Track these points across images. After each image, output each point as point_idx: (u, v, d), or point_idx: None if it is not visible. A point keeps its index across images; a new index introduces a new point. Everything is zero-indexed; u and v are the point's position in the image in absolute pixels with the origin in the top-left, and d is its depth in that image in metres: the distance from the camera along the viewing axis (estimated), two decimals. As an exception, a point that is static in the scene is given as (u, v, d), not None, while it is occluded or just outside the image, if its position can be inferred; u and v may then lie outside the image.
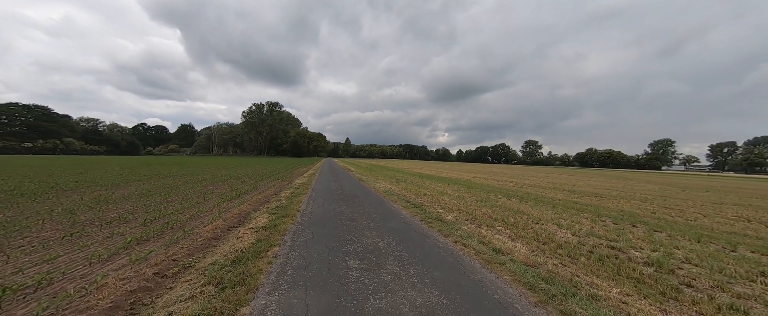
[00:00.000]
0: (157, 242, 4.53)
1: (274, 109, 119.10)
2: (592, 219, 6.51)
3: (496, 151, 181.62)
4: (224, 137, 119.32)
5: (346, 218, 5.42)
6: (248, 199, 8.65)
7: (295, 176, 17.25)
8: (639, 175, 44.77)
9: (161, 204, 7.71)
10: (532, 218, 6.19)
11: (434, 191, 11.33)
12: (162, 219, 5.98)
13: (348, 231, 4.47)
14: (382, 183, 13.66)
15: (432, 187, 12.97)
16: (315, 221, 5.21)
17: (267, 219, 5.53)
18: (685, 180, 31.01)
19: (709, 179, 38.73)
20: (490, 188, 13.94)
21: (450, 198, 9.03)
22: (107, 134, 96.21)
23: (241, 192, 10.09)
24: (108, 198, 8.37)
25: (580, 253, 3.77)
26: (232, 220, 6.11)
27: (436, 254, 3.47)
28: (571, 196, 11.99)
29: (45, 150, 72.60)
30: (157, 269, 3.45)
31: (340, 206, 6.88)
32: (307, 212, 6.08)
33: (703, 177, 44.61)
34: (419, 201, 8.10)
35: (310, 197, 8.51)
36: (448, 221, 5.47)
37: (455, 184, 15.39)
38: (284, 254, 3.44)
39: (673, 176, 44.14)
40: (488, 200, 8.96)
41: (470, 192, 11.46)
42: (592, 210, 8.01)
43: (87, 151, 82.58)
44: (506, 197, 10.17)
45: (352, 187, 11.74)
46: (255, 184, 12.78)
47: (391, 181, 15.24)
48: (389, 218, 5.51)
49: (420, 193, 10.16)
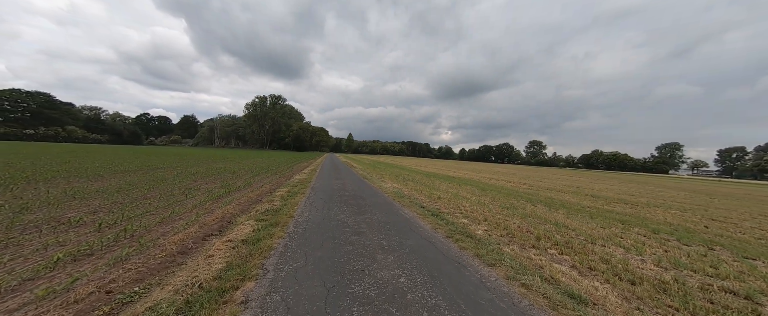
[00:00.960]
0: (100, 259, 3.41)
1: (277, 102, 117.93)
2: (648, 236, 5.32)
3: (499, 150, 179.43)
4: (226, 130, 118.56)
5: (351, 231, 4.26)
6: (237, 198, 7.53)
7: (295, 172, 16.14)
8: (650, 178, 43.23)
9: (135, 202, 6.62)
10: (581, 233, 5.01)
11: (447, 193, 10.16)
12: (124, 222, 4.88)
13: (354, 254, 3.30)
14: (388, 182, 12.50)
15: (443, 188, 11.79)
16: (311, 234, 4.06)
17: (251, 228, 4.40)
18: (699, 185, 29.54)
19: (723, 184, 37.14)
20: (506, 190, 12.73)
21: (468, 203, 7.85)
22: (110, 123, 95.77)
23: (231, 189, 8.98)
24: (80, 192, 7.30)
25: (698, 306, 2.55)
26: (211, 226, 5.00)
27: (492, 305, 2.27)
28: (598, 202, 10.76)
29: (47, 137, 72.24)
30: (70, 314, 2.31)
31: (343, 212, 5.73)
32: (303, 220, 4.93)
33: (715, 183, 42.98)
34: (435, 207, 6.93)
35: (308, 198, 7.37)
36: (480, 237, 4.30)
37: (466, 185, 14.20)
38: (258, 297, 2.29)
39: (685, 181, 42.54)
40: (512, 207, 7.77)
41: (487, 195, 10.27)
42: (638, 222, 6.80)
43: (89, 139, 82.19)
44: (530, 203, 8.97)
45: (355, 186, 10.60)
46: (250, 179, 11.68)
47: (397, 180, 14.08)
48: (406, 232, 4.33)
49: (433, 195, 8.99)
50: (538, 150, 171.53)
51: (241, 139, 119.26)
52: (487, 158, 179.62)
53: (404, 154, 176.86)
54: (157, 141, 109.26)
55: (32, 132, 70.64)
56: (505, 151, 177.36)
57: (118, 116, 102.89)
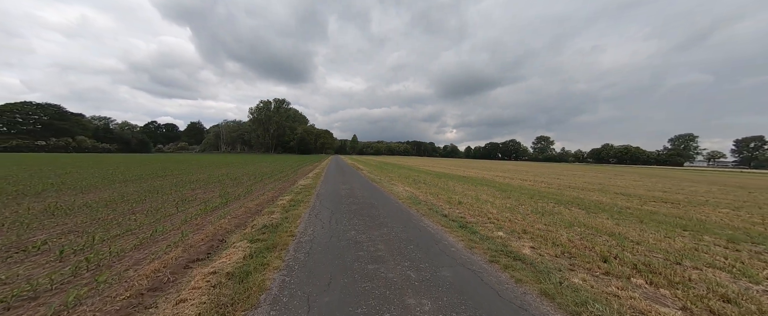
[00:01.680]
0: (40, 307, 2.59)
1: (281, 106, 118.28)
2: (731, 248, 4.30)
3: (506, 147, 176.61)
4: (232, 135, 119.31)
5: (367, 256, 3.33)
6: (234, 209, 6.73)
7: (299, 176, 15.35)
8: (669, 172, 41.29)
9: (120, 218, 5.86)
10: (652, 248, 4.03)
11: (466, 196, 9.19)
12: (97, 246, 4.09)
13: (375, 296, 2.39)
14: (399, 186, 11.58)
15: (460, 190, 10.82)
16: (315, 263, 3.17)
17: (242, 253, 3.55)
18: (726, 178, 27.77)
19: (748, 176, 35.08)
20: (527, 191, 11.69)
21: (494, 208, 6.89)
22: (118, 132, 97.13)
23: (229, 198, 8.19)
24: (63, 207, 6.60)
25: None
26: (198, 248, 4.17)
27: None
28: (633, 201, 9.64)
29: (57, 148, 73.44)
30: None
31: (354, 226, 4.85)
32: (306, 239, 4.06)
33: (738, 174, 40.79)
34: (459, 215, 6.00)
35: (312, 208, 6.52)
36: (531, 259, 3.36)
37: (482, 185, 13.18)
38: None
39: (707, 173, 40.46)
40: (545, 212, 6.78)
41: (510, 198, 9.27)
42: (699, 227, 5.75)
43: (98, 149, 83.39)
44: (562, 206, 7.95)
45: (365, 191, 9.71)
46: (251, 186, 10.91)
47: (408, 182, 13.15)
48: (436, 256, 3.39)
49: (451, 200, 8.04)
50: (545, 146, 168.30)
51: (246, 143, 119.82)
52: (494, 156, 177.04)
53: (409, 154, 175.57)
54: (164, 148, 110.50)
55: (43, 143, 71.89)
56: (512, 148, 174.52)
57: (127, 125, 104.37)
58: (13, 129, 72.79)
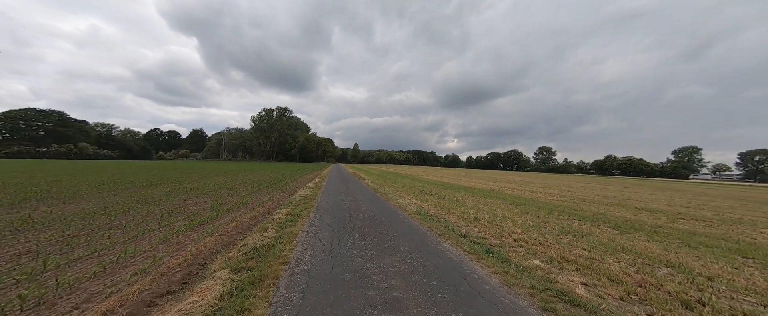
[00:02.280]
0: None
1: (283, 114, 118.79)
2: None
3: (508, 157, 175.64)
4: (234, 142, 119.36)
5: (380, 299, 2.48)
6: (224, 224, 5.99)
7: (299, 186, 14.62)
8: (680, 185, 40.22)
9: (93, 234, 5.15)
10: (734, 288, 3.27)
11: (480, 211, 8.42)
12: (47, 274, 3.35)
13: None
14: (405, 198, 10.82)
15: (471, 203, 10.03)
16: (312, 309, 2.42)
17: (219, 290, 2.81)
18: (739, 192, 26.75)
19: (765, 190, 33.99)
20: (542, 204, 10.89)
21: (518, 227, 6.12)
22: (120, 139, 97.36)
23: (221, 211, 7.46)
24: (37, 220, 5.90)
25: None
26: (172, 276, 3.43)
27: None
28: (659, 218, 8.81)
29: (59, 154, 73.34)
30: None
31: (361, 250, 4.09)
32: (302, 269, 3.31)
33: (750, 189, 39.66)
34: (479, 235, 5.23)
35: (312, 224, 5.76)
36: (596, 307, 2.58)
37: (493, 197, 12.38)
38: None
39: (719, 187, 39.37)
40: (574, 231, 6.00)
41: (527, 212, 8.49)
42: (755, 252, 4.95)
43: (100, 155, 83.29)
44: (588, 223, 7.17)
45: (369, 203, 8.95)
46: (246, 197, 10.18)
47: (414, 194, 12.36)
48: (467, 298, 2.58)
49: (466, 216, 7.26)
50: (547, 156, 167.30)
51: (248, 151, 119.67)
52: (496, 166, 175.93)
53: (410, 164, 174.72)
54: (166, 155, 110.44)
55: (45, 150, 71.82)
56: (513, 158, 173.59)
57: (129, 132, 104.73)
58: (16, 135, 73.00)
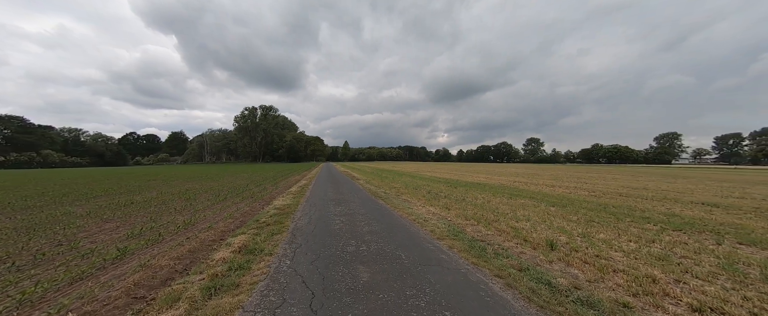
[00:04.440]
0: None
1: (268, 113, 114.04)
2: None
3: (498, 150, 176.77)
4: (217, 144, 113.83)
5: None
6: (117, 277, 3.64)
7: (279, 192, 12.17)
8: (673, 170, 40.05)
9: None
10: None
11: (531, 220, 6.35)
12: None
13: None
14: (417, 204, 8.54)
15: (506, 209, 7.85)
16: None
17: None
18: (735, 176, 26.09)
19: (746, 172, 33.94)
20: (581, 202, 9.01)
21: (619, 252, 4.06)
22: (90, 145, 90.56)
23: (144, 240, 5.04)
24: None
25: None
26: None
27: None
28: (728, 214, 7.02)
29: (19, 164, 66.98)
30: None
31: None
32: None
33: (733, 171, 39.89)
34: (590, 283, 3.12)
35: (277, 270, 3.48)
36: None
37: (519, 197, 10.38)
38: None
39: (708, 171, 39.45)
40: (702, 250, 4.01)
41: (591, 221, 6.50)
42: None
43: (67, 163, 76.99)
44: (692, 235, 5.23)
45: (371, 218, 6.54)
46: (200, 213, 7.73)
47: (424, 197, 10.01)
48: None
49: (523, 234, 5.12)
50: (536, 147, 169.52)
51: (232, 153, 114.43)
52: (486, 158, 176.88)
53: (401, 160, 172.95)
54: (143, 161, 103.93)
55: (2, 159, 65.33)
56: (503, 150, 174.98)
57: (100, 137, 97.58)
58: (-33, 144, 66.11)
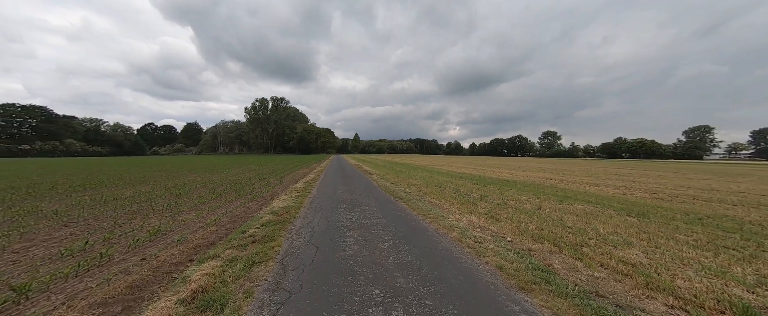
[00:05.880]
0: None
1: (279, 104, 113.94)
2: None
3: (512, 143, 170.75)
4: (230, 136, 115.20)
5: None
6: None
7: (282, 189, 10.81)
8: (714, 167, 36.33)
9: None
10: None
11: (632, 245, 4.65)
12: None
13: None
14: (451, 211, 6.83)
15: (575, 222, 6.17)
16: None
17: None
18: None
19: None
20: (655, 208, 7.13)
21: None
22: (110, 134, 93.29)
23: (68, 271, 3.70)
24: None
25: None
26: None
27: None
28: None
29: (44, 152, 69.65)
30: None
31: None
32: None
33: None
34: None
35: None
36: None
37: (573, 201, 8.55)
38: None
39: (754, 167, 35.50)
40: None
41: (676, 231, 4.71)
42: None
43: (89, 152, 79.61)
44: None
45: (398, 234, 4.93)
46: (182, 216, 6.42)
47: (454, 199, 8.25)
48: None
49: (636, 275, 3.49)
50: (552, 141, 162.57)
51: (244, 144, 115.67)
52: (500, 152, 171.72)
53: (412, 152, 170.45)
54: (160, 151, 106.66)
55: (28, 148, 68.05)
56: (518, 144, 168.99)
57: (119, 127, 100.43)
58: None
